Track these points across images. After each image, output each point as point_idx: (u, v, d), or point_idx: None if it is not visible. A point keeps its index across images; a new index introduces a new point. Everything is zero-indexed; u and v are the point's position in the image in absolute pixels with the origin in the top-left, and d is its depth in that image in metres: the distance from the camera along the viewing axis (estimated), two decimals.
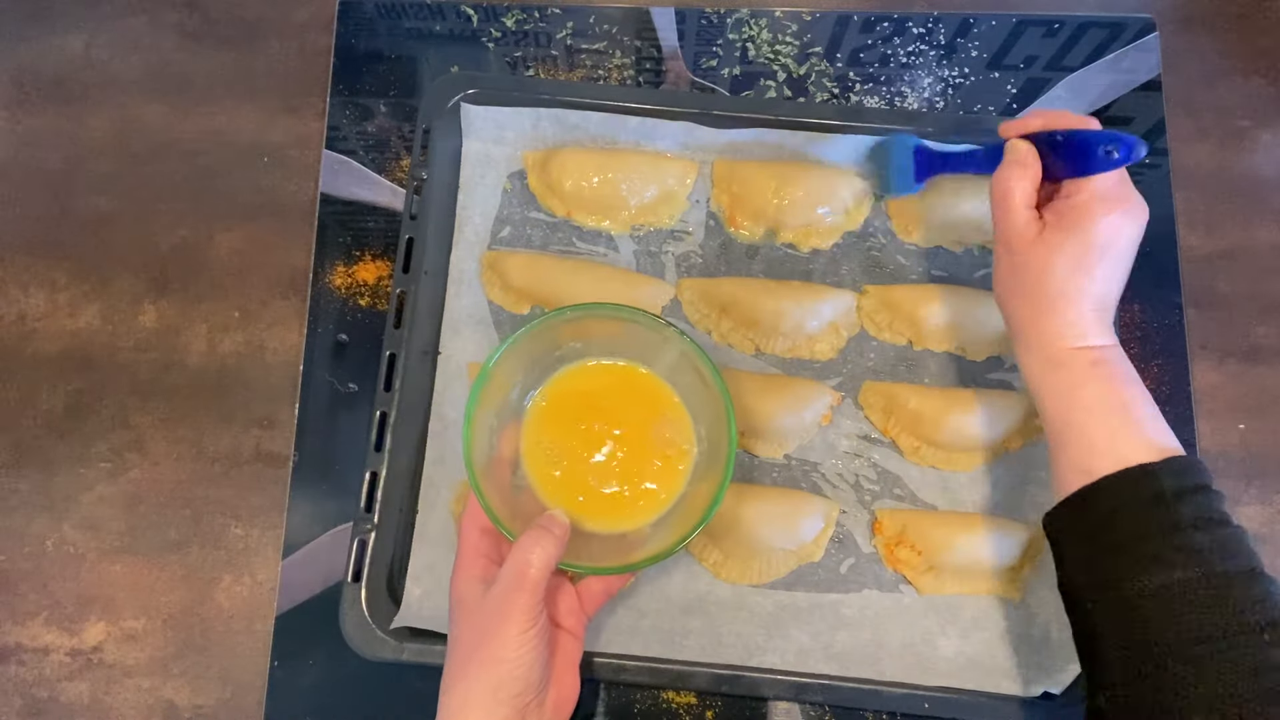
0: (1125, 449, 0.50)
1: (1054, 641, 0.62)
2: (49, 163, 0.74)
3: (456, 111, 0.70)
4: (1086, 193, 0.54)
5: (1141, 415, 0.52)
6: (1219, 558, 0.46)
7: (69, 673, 0.65)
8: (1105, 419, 0.52)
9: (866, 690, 0.60)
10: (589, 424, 0.59)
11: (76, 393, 0.70)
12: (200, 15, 0.77)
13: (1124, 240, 0.54)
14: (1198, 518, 0.48)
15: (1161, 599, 0.46)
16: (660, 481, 0.58)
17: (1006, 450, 0.66)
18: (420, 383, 0.66)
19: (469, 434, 0.53)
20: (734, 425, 0.54)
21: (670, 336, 0.56)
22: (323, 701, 0.63)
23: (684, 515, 0.56)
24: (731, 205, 0.70)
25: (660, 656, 0.61)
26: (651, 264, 0.70)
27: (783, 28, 0.76)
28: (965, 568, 0.63)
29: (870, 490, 0.66)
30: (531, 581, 0.50)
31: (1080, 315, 0.54)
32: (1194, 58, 0.77)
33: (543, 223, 0.71)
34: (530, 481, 0.58)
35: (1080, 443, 0.52)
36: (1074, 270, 0.53)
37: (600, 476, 0.58)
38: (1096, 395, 0.52)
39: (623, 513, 0.57)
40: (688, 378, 0.58)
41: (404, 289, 0.66)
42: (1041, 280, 0.54)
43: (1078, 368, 0.53)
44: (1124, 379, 0.53)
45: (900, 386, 0.66)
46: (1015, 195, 0.56)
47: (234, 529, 0.67)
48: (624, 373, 0.60)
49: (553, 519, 0.53)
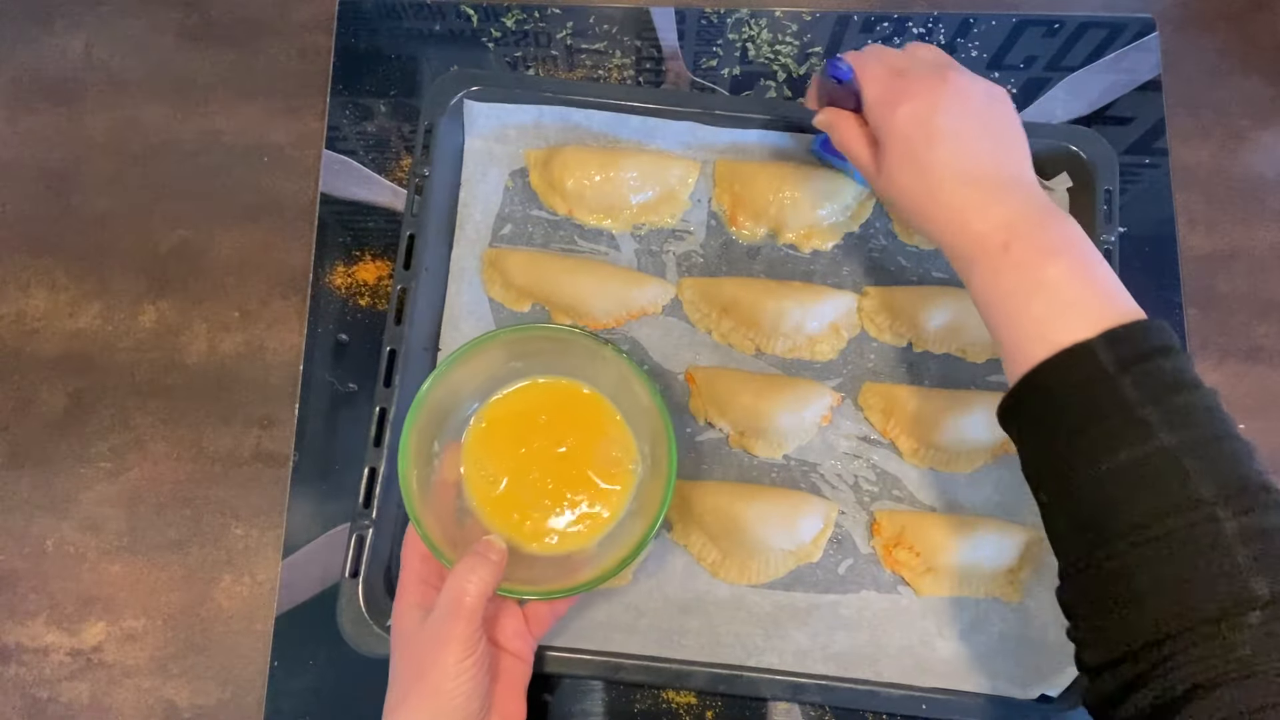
0: (1054, 331, 0.46)
1: (1052, 644, 0.62)
2: (49, 163, 0.74)
3: (459, 109, 0.70)
4: (870, 112, 0.55)
5: (1076, 288, 0.47)
6: (1171, 430, 0.42)
7: (69, 673, 0.65)
8: (1028, 304, 0.47)
9: (864, 691, 0.60)
10: (530, 445, 0.58)
11: (76, 393, 0.70)
12: (200, 15, 0.77)
13: (935, 121, 0.52)
14: (1145, 389, 0.43)
15: (1104, 488, 0.43)
16: (603, 501, 0.57)
17: (1006, 452, 0.66)
18: (420, 379, 0.65)
19: (404, 461, 0.53)
20: (674, 444, 0.53)
21: (609, 356, 0.55)
22: (323, 701, 0.63)
23: (629, 534, 0.55)
24: (733, 205, 0.70)
25: (658, 655, 0.61)
26: (652, 263, 0.70)
27: (783, 28, 0.76)
28: (963, 569, 0.63)
29: (869, 491, 0.66)
30: (467, 609, 0.49)
31: (953, 201, 0.51)
32: (1194, 58, 0.77)
33: (544, 221, 0.71)
34: (472, 505, 0.57)
35: (1013, 333, 0.48)
36: (916, 174, 0.52)
37: (542, 498, 0.57)
38: (1016, 281, 0.48)
39: (565, 535, 0.57)
40: (628, 396, 0.57)
41: (405, 285, 0.66)
42: (906, 198, 0.54)
43: (990, 257, 0.49)
44: (1046, 252, 0.48)
45: (900, 388, 0.66)
46: (852, 147, 0.57)
47: (234, 529, 0.67)
48: (565, 391, 0.59)
49: (489, 545, 0.52)
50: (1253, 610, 0.39)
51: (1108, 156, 0.68)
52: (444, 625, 0.49)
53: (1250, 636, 0.39)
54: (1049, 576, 0.63)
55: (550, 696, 0.63)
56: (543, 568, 0.56)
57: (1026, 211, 0.50)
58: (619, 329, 0.68)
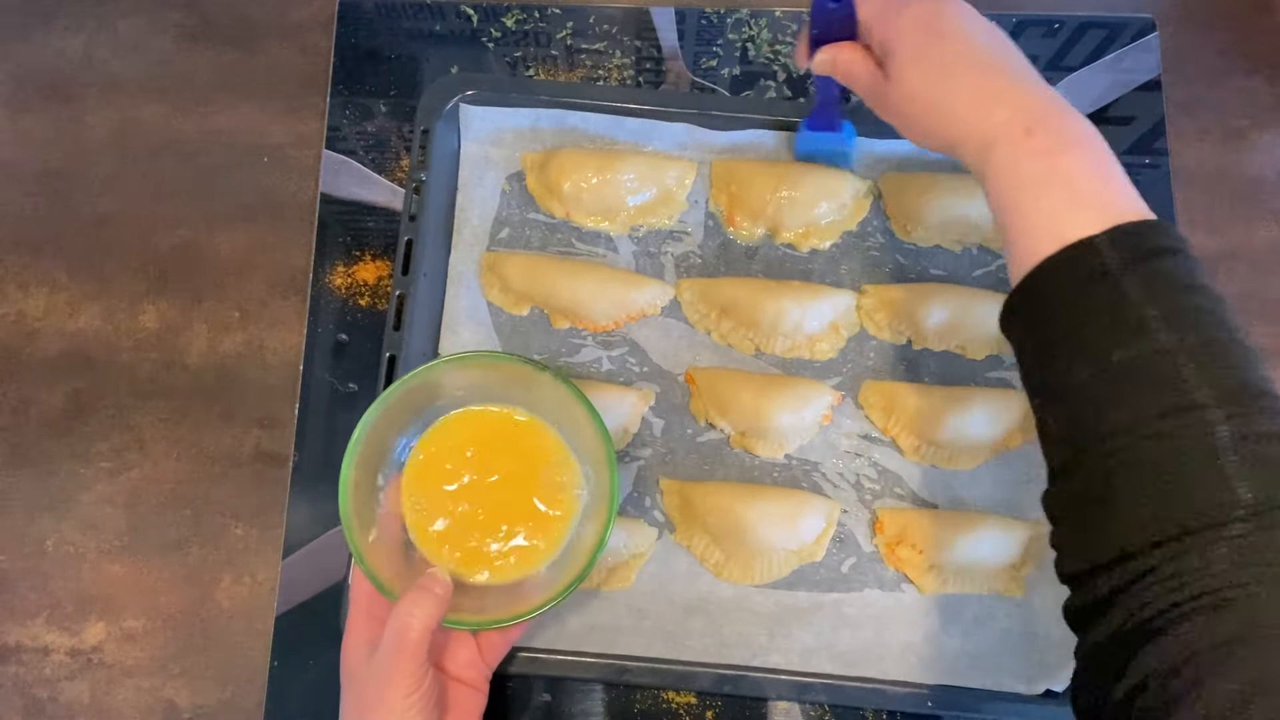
0: (1064, 225, 0.43)
1: (1057, 639, 0.62)
2: (49, 163, 0.74)
3: (455, 113, 0.70)
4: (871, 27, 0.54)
5: (1089, 183, 0.45)
6: (1171, 331, 0.40)
7: (69, 673, 0.65)
8: (1044, 195, 0.45)
9: (869, 689, 0.61)
10: (471, 474, 0.57)
11: (76, 393, 0.70)
12: (200, 15, 0.77)
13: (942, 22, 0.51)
14: (1149, 288, 0.41)
15: (1094, 388, 0.41)
16: (549, 527, 0.57)
17: (1007, 448, 0.66)
18: None
19: (344, 497, 0.52)
20: (614, 466, 0.53)
21: (546, 380, 0.55)
22: (323, 701, 0.63)
23: (577, 558, 0.55)
24: (730, 205, 0.70)
25: (663, 657, 0.61)
26: (651, 264, 0.70)
27: (783, 28, 0.76)
28: (966, 566, 0.63)
29: (871, 489, 0.66)
30: (412, 644, 0.48)
31: (972, 94, 0.49)
32: (1194, 58, 0.77)
33: (541, 224, 0.71)
34: (414, 538, 0.56)
35: (1023, 227, 0.46)
36: (928, 72, 0.51)
37: (484, 527, 0.56)
38: (1031, 168, 0.46)
39: (512, 562, 0.56)
40: (571, 421, 0.57)
41: (403, 291, 0.66)
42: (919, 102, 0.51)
43: (1008, 144, 0.47)
44: (1066, 142, 0.46)
45: (900, 386, 0.66)
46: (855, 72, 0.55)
47: (234, 529, 0.67)
48: (505, 419, 0.58)
49: (433, 578, 0.51)
50: (1236, 520, 0.37)
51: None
52: (389, 661, 0.49)
53: (1229, 551, 0.37)
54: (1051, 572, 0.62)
55: (550, 697, 0.63)
56: (492, 596, 0.55)
57: (1049, 99, 0.48)
58: (618, 331, 0.68)
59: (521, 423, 0.58)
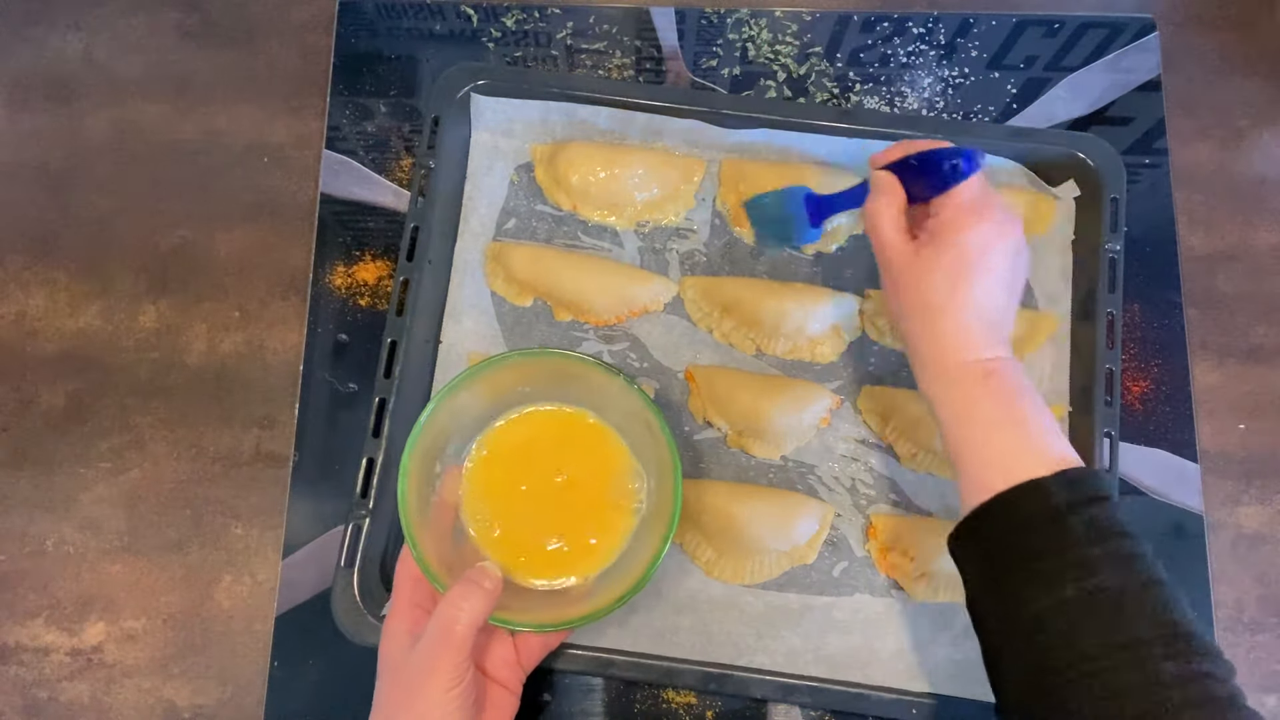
0: (1016, 464, 0.49)
1: None
2: (49, 163, 0.74)
3: (466, 102, 0.70)
4: (949, 208, 0.55)
5: (1036, 429, 0.51)
6: (1113, 571, 0.45)
7: (69, 673, 0.65)
8: (998, 434, 0.51)
9: (854, 694, 0.60)
10: (531, 474, 0.56)
11: (76, 393, 0.70)
12: (200, 15, 0.77)
13: (995, 255, 0.54)
14: (1091, 531, 0.46)
15: (1054, 619, 0.45)
16: (604, 535, 0.56)
17: None
18: (420, 371, 0.66)
19: (403, 481, 0.52)
20: (679, 479, 0.52)
21: (620, 386, 0.54)
22: (323, 701, 0.63)
23: (629, 570, 0.54)
24: (737, 204, 0.70)
25: (649, 653, 0.61)
26: (655, 261, 0.70)
27: (783, 28, 0.76)
28: (958, 576, 0.62)
29: (866, 494, 0.66)
30: (458, 638, 0.48)
31: (965, 328, 0.54)
32: (1194, 58, 0.77)
33: (548, 216, 0.71)
34: (469, 531, 0.56)
35: (976, 459, 0.51)
36: (951, 283, 0.54)
37: (541, 529, 0.56)
38: (989, 410, 0.52)
39: (564, 567, 0.56)
40: (638, 429, 0.56)
41: (407, 277, 0.66)
42: (923, 295, 0.55)
43: (970, 382, 0.52)
44: (1017, 392, 0.52)
45: (900, 392, 0.66)
46: (883, 219, 0.57)
47: (234, 529, 0.67)
48: (572, 420, 0.58)
49: (483, 572, 0.51)
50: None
51: (1114, 164, 0.68)
52: (432, 653, 0.49)
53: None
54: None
55: (550, 696, 0.63)
56: (537, 598, 0.55)
57: (1006, 355, 0.54)
58: (620, 325, 0.68)
59: (592, 425, 0.57)
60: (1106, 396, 0.64)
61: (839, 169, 0.70)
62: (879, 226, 0.57)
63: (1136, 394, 0.69)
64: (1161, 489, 0.67)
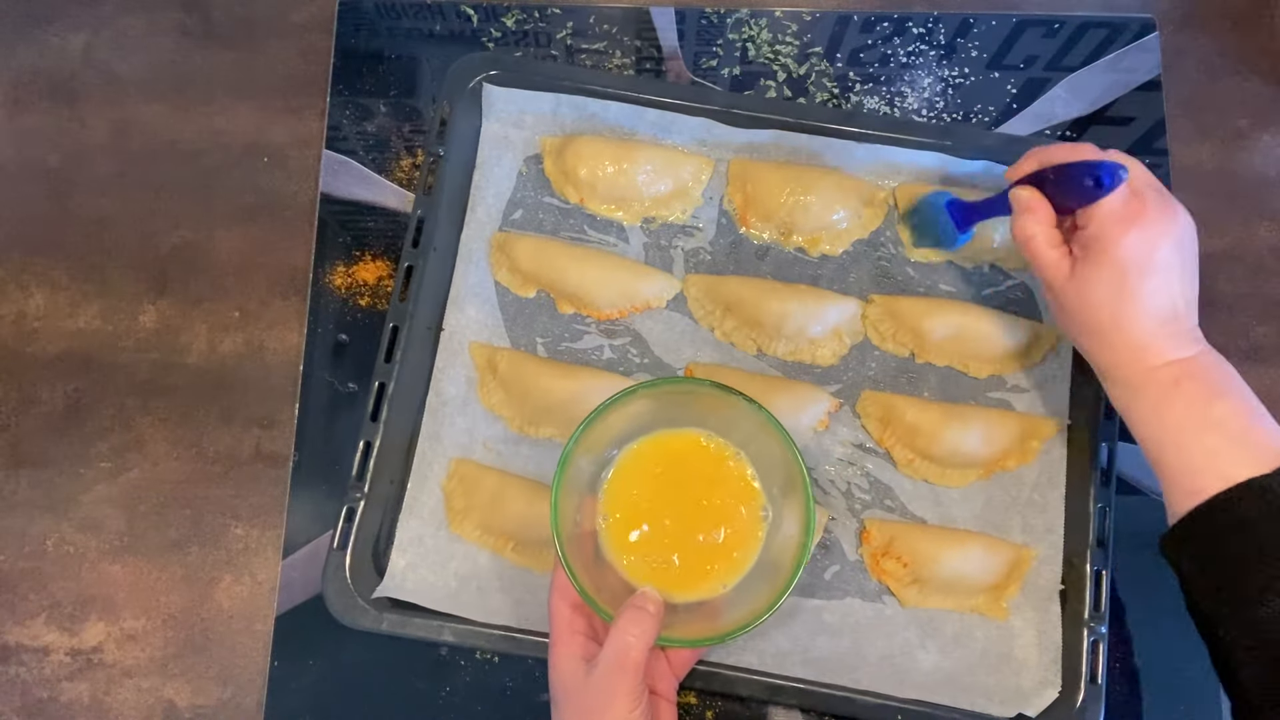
0: (1228, 465, 0.49)
1: (1033, 664, 0.62)
2: (49, 163, 0.74)
3: (477, 92, 0.70)
4: (1096, 221, 0.54)
5: (1242, 426, 0.50)
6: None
7: (69, 673, 0.65)
8: (1199, 437, 0.50)
9: (840, 697, 0.60)
10: (664, 494, 0.58)
11: (76, 393, 0.70)
12: (200, 15, 0.77)
13: (1158, 254, 0.53)
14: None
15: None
16: (739, 547, 0.57)
17: (1001, 469, 0.65)
18: (421, 358, 0.66)
19: (555, 518, 0.53)
20: (809, 491, 0.53)
21: (741, 407, 0.55)
22: (322, 702, 0.63)
23: (766, 578, 0.56)
24: (744, 204, 0.70)
25: None
26: (660, 257, 0.70)
27: (783, 28, 0.76)
28: (950, 583, 0.63)
29: (861, 499, 0.66)
30: (634, 663, 0.50)
31: (1141, 337, 0.53)
32: (1194, 58, 0.77)
33: (555, 208, 0.71)
34: (609, 554, 0.57)
35: (1180, 465, 0.51)
36: (1116, 298, 0.53)
37: (677, 546, 0.57)
38: (1185, 415, 0.51)
39: (700, 581, 0.57)
40: (759, 445, 0.58)
41: (411, 264, 0.66)
42: (1090, 314, 0.54)
43: (1159, 388, 0.52)
44: (1214, 392, 0.51)
45: (899, 398, 0.66)
46: (1036, 240, 0.56)
47: (234, 529, 0.67)
48: (694, 443, 0.59)
49: (646, 597, 0.52)
50: None
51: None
52: (611, 680, 0.50)
53: None
54: (1035, 596, 0.63)
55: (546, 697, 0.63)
56: (682, 613, 0.56)
57: (1201, 352, 0.53)
58: (622, 320, 0.68)
59: (715, 445, 0.59)
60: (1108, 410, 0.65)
61: (849, 174, 0.70)
62: (1034, 248, 0.56)
63: None
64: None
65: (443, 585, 0.63)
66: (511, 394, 0.66)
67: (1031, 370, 0.67)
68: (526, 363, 0.66)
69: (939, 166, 0.69)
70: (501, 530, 0.64)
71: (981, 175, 0.69)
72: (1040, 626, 0.62)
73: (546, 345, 0.68)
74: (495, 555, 0.64)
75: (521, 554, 0.64)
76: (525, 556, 0.63)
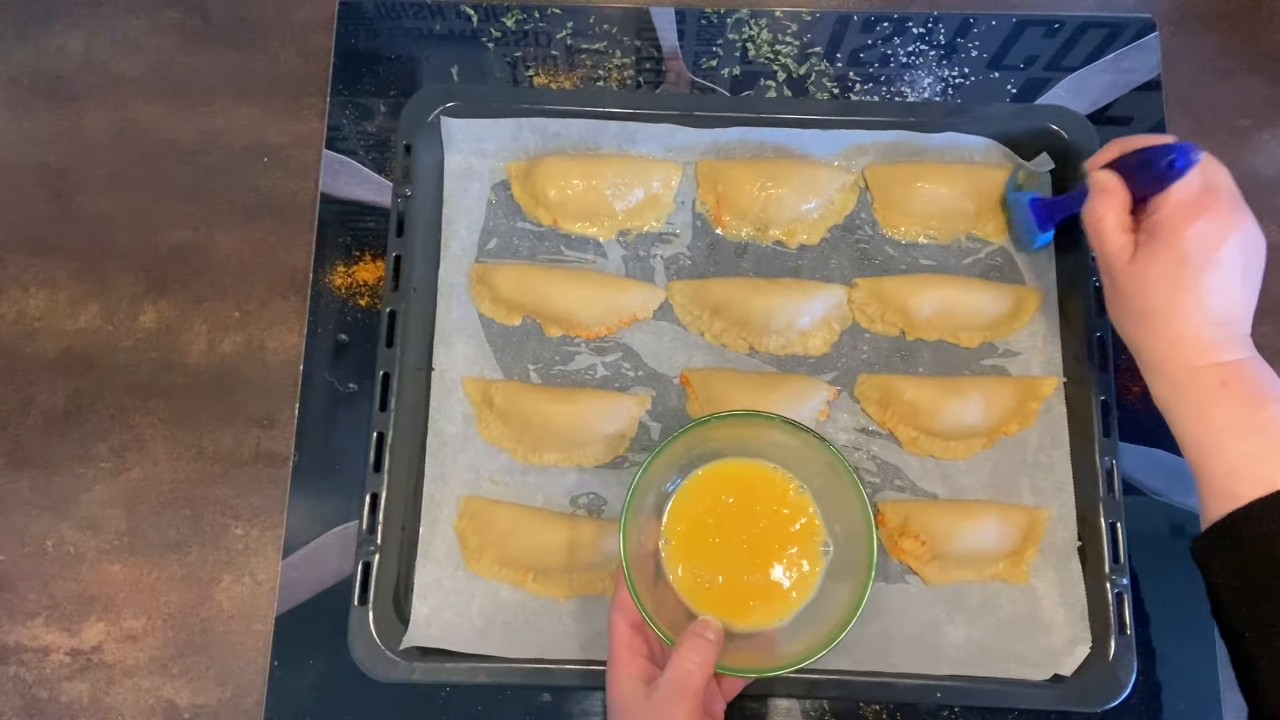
0: (1269, 470, 0.48)
1: (1061, 624, 0.62)
2: (49, 163, 0.74)
3: (436, 126, 0.69)
4: (1167, 206, 0.54)
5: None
6: None
7: (69, 673, 0.65)
8: (1242, 441, 0.50)
9: (878, 683, 0.60)
10: (725, 524, 0.58)
11: (76, 393, 0.70)
12: (200, 15, 0.77)
13: (1222, 249, 0.52)
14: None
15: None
16: (797, 580, 0.58)
17: (1004, 435, 0.66)
18: (416, 400, 0.66)
19: (624, 540, 0.53)
20: (873, 528, 0.53)
21: (801, 437, 0.56)
22: (323, 702, 0.63)
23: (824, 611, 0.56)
24: (717, 204, 0.70)
25: None
26: (640, 268, 0.70)
27: (783, 28, 0.76)
28: (969, 554, 0.63)
29: (871, 483, 0.66)
30: (694, 690, 0.50)
31: (1194, 331, 0.52)
32: (1194, 58, 0.77)
33: (529, 232, 0.70)
34: (669, 579, 0.58)
35: (1219, 467, 0.50)
36: (1174, 285, 0.52)
37: (736, 575, 0.58)
38: (1230, 417, 0.51)
39: (757, 612, 0.57)
40: (822, 478, 0.58)
41: (394, 307, 0.66)
42: (1144, 299, 0.54)
43: (1205, 388, 0.52)
44: (1262, 396, 0.51)
45: (895, 378, 0.67)
46: (1106, 220, 0.56)
47: (234, 529, 0.67)
48: (756, 472, 0.59)
49: (707, 625, 0.53)
50: None
51: (1086, 132, 0.68)
52: (671, 705, 0.50)
53: None
54: (1053, 556, 0.63)
55: (550, 697, 0.63)
56: (737, 641, 0.57)
57: (1249, 360, 0.52)
58: (611, 336, 0.68)
59: (776, 476, 0.59)
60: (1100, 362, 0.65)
61: (817, 161, 0.70)
62: (1101, 227, 0.56)
63: (1136, 394, 0.69)
64: (1162, 489, 0.67)
65: (468, 626, 0.62)
66: (511, 425, 0.66)
67: (1021, 333, 0.68)
68: (522, 392, 0.66)
69: (904, 142, 0.70)
70: (519, 562, 0.63)
71: (949, 147, 0.70)
72: (1063, 585, 0.63)
73: (539, 371, 0.68)
74: (516, 588, 0.63)
75: (543, 583, 0.63)
76: (546, 585, 0.63)
